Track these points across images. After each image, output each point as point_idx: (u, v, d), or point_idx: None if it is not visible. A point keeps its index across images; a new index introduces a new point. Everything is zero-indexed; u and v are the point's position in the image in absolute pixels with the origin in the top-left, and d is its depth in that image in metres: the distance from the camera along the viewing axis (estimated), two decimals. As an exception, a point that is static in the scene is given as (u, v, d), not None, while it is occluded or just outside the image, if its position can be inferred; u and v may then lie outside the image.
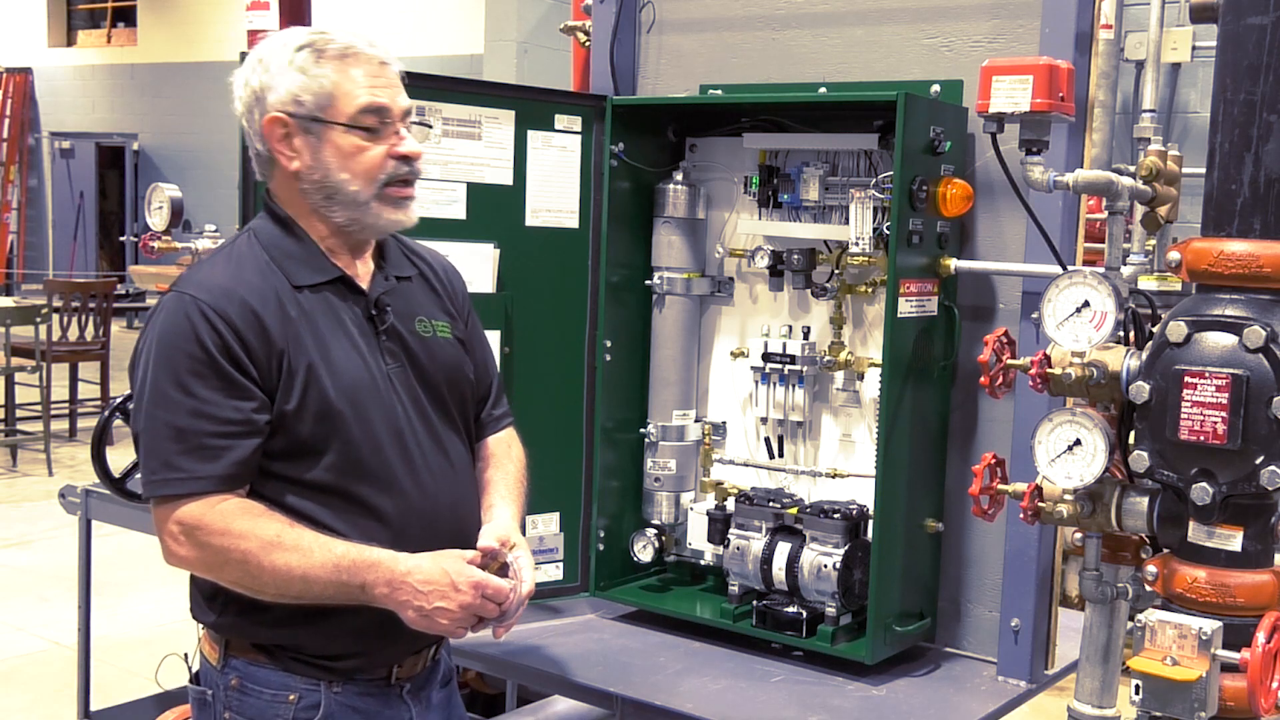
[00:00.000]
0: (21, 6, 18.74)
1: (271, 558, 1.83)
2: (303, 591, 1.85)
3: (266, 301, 1.90)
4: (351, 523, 1.92)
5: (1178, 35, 6.62)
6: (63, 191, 18.27)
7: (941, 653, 2.74)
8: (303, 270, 1.97)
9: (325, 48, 1.95)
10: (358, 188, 1.96)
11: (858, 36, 2.84)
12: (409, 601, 1.85)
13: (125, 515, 3.77)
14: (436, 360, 2.07)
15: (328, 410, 1.90)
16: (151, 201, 3.85)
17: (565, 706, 3.08)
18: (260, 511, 1.87)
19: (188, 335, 1.85)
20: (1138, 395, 1.79)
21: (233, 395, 1.85)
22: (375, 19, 14.26)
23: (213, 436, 1.84)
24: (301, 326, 1.92)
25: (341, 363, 1.93)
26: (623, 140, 2.88)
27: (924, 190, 2.49)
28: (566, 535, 2.94)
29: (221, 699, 1.97)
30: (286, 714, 1.94)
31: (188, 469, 1.84)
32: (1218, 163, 1.77)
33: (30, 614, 5.75)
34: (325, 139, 1.94)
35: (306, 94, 1.93)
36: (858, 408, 2.80)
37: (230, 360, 1.85)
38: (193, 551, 1.86)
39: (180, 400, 1.84)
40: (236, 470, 1.86)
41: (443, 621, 1.86)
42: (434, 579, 1.85)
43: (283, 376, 1.89)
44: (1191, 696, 1.68)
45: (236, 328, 1.86)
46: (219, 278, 1.92)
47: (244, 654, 1.96)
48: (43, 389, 8.36)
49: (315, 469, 1.91)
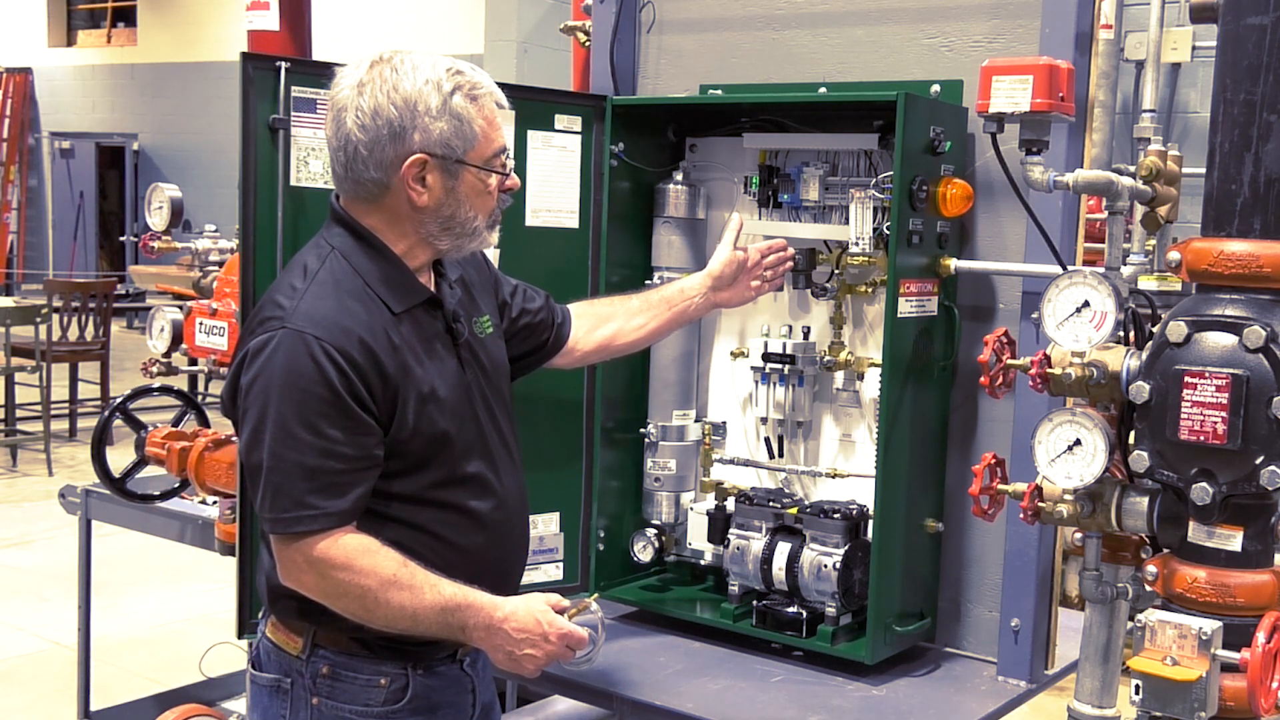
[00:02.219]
0: (21, 6, 18.74)
1: (389, 595, 1.92)
2: (410, 628, 1.96)
3: (376, 335, 1.95)
4: (453, 527, 2.04)
5: (1178, 35, 6.63)
6: (63, 191, 18.28)
7: (941, 653, 2.74)
8: (398, 295, 2.02)
9: (475, 93, 2.00)
10: (480, 221, 2.05)
11: (858, 36, 2.84)
12: (501, 646, 1.98)
13: (125, 515, 3.78)
14: (494, 360, 2.19)
15: (437, 433, 2.00)
16: (151, 201, 3.85)
17: (565, 706, 3.08)
18: (377, 548, 1.94)
19: (313, 377, 1.88)
20: (1138, 395, 1.79)
21: (358, 433, 1.92)
22: (375, 19, 14.27)
23: (341, 474, 1.91)
24: (407, 354, 1.98)
25: (442, 385, 2.02)
26: (623, 140, 2.88)
27: (924, 190, 2.49)
28: (566, 535, 2.93)
29: (308, 686, 2.04)
30: (378, 698, 2.03)
31: (319, 506, 1.90)
32: (1218, 163, 1.77)
33: (30, 614, 5.75)
34: (461, 178, 2.01)
35: (458, 139, 1.98)
36: (858, 408, 2.80)
37: (355, 399, 1.91)
38: (318, 583, 1.93)
39: (310, 441, 1.88)
40: (359, 503, 1.94)
41: (529, 666, 1.99)
42: (528, 627, 1.98)
43: (398, 407, 1.96)
44: (1191, 696, 1.68)
45: (359, 365, 1.91)
46: (329, 311, 1.93)
47: (336, 644, 2.03)
48: (43, 389, 8.36)
49: (421, 483, 2.01)
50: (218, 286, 3.55)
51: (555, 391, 2.89)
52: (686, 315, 2.56)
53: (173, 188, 3.85)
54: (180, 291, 6.14)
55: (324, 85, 2.19)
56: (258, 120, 2.42)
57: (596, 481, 2.92)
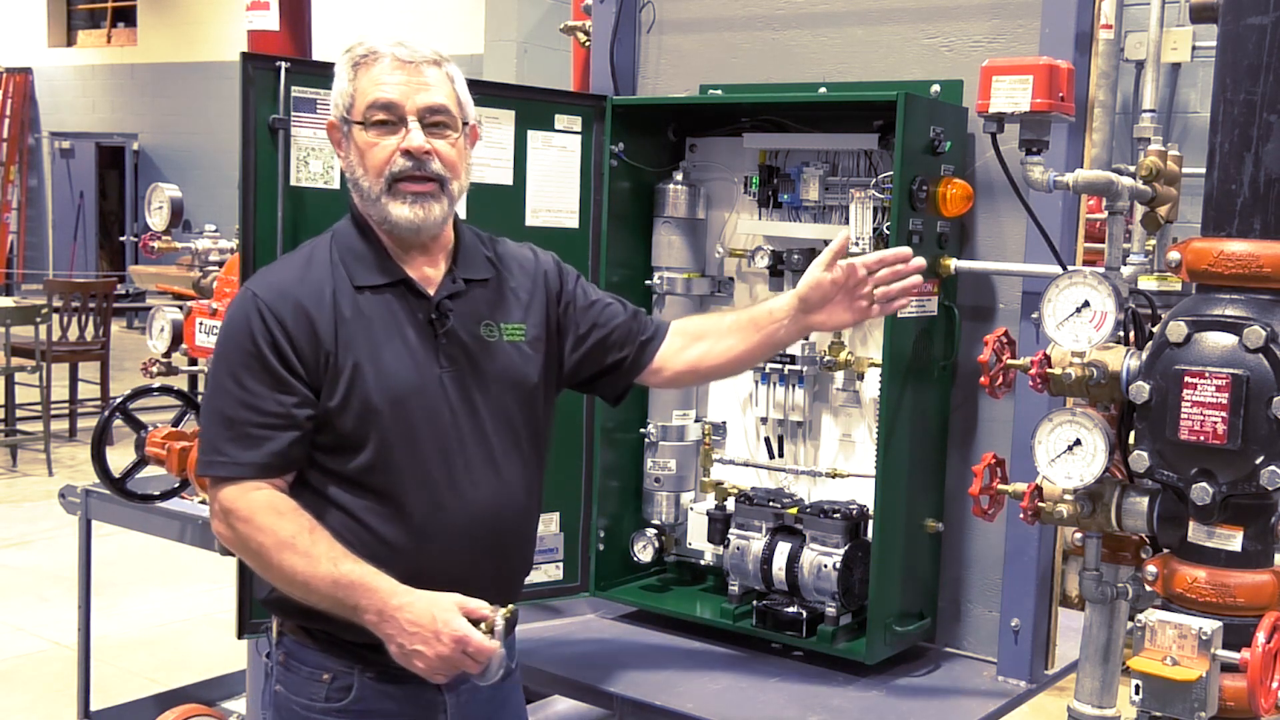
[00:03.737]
0: (21, 6, 18.74)
1: (281, 557, 1.91)
2: (303, 596, 1.92)
3: (321, 303, 1.98)
4: (378, 515, 1.98)
5: (1178, 35, 6.62)
6: (63, 191, 18.28)
7: (941, 653, 2.74)
8: (366, 271, 2.04)
9: (355, 52, 2.04)
10: (369, 183, 2.02)
11: (858, 36, 2.84)
12: (393, 636, 1.88)
13: (125, 515, 3.77)
14: (497, 365, 2.09)
15: (368, 409, 1.97)
16: (151, 201, 3.85)
17: (565, 706, 3.08)
18: (286, 509, 1.94)
19: (244, 331, 1.97)
20: (1138, 395, 1.79)
21: (277, 390, 1.95)
22: (376, 19, 14.26)
23: (255, 426, 1.95)
24: (355, 327, 1.99)
25: (390, 364, 1.99)
26: (623, 140, 2.88)
27: (924, 190, 2.49)
28: (566, 535, 2.93)
29: (275, 672, 2.07)
30: (320, 693, 2.01)
31: (229, 454, 1.95)
32: (1218, 163, 1.77)
33: (30, 614, 5.75)
34: (351, 138, 2.03)
35: (340, 97, 2.04)
36: (858, 408, 2.80)
37: (278, 357, 1.95)
38: (227, 531, 1.97)
39: (233, 390, 1.96)
40: (272, 460, 1.95)
41: (419, 665, 1.87)
42: (421, 622, 1.86)
43: (328, 375, 1.97)
44: (1191, 696, 1.68)
45: (286, 327, 1.96)
46: (284, 277, 2.03)
47: (293, 632, 2.05)
48: (43, 389, 8.36)
49: (353, 463, 1.98)
50: (218, 286, 3.55)
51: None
52: (777, 339, 2.23)
53: (173, 188, 3.85)
54: (180, 291, 6.12)
55: (324, 85, 2.20)
56: (258, 120, 2.42)
57: (596, 481, 2.92)
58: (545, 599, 2.94)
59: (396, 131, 1.99)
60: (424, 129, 2.00)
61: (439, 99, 2.02)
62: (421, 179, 2.00)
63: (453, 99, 2.05)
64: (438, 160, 2.00)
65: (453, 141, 2.04)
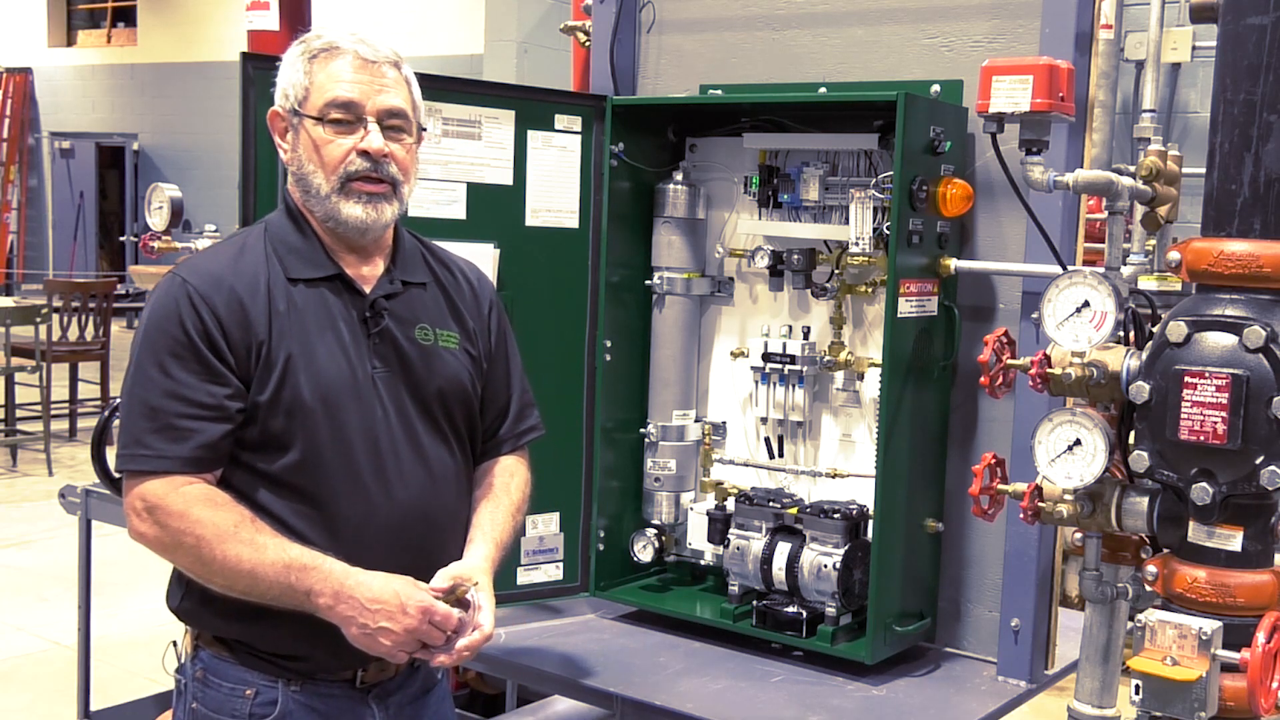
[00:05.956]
0: (21, 6, 18.74)
1: (224, 547, 1.83)
2: (249, 588, 1.85)
3: (255, 292, 1.93)
4: (308, 519, 1.91)
5: (1178, 35, 6.62)
6: (63, 191, 18.28)
7: (941, 653, 2.74)
8: (299, 264, 1.99)
9: (312, 44, 2.00)
10: (320, 180, 1.98)
11: (858, 36, 2.84)
12: (354, 617, 1.83)
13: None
14: (432, 368, 2.04)
15: (299, 405, 1.91)
16: (151, 201, 3.86)
17: (565, 706, 3.08)
18: (224, 502, 1.87)
19: (173, 317, 1.89)
20: (1138, 395, 1.79)
21: (207, 379, 1.88)
22: (375, 19, 14.26)
23: (183, 418, 1.86)
24: (288, 320, 1.93)
25: (322, 360, 1.94)
26: (623, 140, 2.88)
27: (924, 190, 2.49)
28: (566, 535, 2.94)
29: (190, 689, 1.98)
30: (243, 709, 1.93)
31: (156, 447, 1.86)
32: (1218, 163, 1.77)
33: (30, 614, 5.75)
34: (301, 132, 1.99)
35: (292, 88, 2.00)
36: (858, 408, 2.80)
37: (209, 345, 1.88)
38: (152, 529, 1.87)
39: (158, 379, 1.88)
40: (202, 453, 1.87)
41: (385, 642, 1.84)
42: (383, 598, 1.84)
43: (260, 367, 1.90)
44: (1191, 696, 1.68)
45: (219, 315, 1.89)
46: (215, 265, 1.96)
47: (209, 645, 1.97)
48: (43, 389, 8.36)
49: (280, 463, 1.91)
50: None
51: (555, 391, 2.89)
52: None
53: (173, 188, 3.86)
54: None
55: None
56: (258, 120, 2.42)
57: (596, 481, 2.92)
58: (545, 599, 2.94)
59: (354, 131, 1.97)
60: (382, 130, 1.98)
61: (398, 102, 2.00)
62: (376, 180, 1.98)
63: (409, 102, 2.03)
64: (394, 163, 1.99)
65: (407, 146, 2.02)
